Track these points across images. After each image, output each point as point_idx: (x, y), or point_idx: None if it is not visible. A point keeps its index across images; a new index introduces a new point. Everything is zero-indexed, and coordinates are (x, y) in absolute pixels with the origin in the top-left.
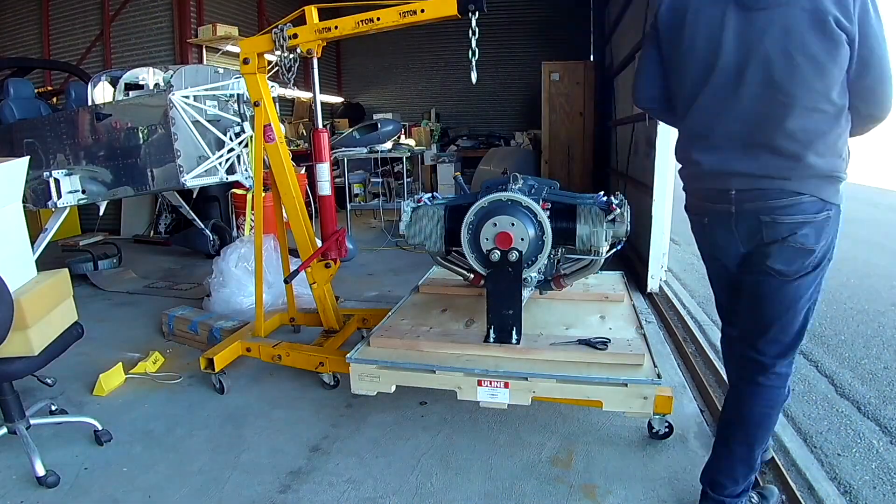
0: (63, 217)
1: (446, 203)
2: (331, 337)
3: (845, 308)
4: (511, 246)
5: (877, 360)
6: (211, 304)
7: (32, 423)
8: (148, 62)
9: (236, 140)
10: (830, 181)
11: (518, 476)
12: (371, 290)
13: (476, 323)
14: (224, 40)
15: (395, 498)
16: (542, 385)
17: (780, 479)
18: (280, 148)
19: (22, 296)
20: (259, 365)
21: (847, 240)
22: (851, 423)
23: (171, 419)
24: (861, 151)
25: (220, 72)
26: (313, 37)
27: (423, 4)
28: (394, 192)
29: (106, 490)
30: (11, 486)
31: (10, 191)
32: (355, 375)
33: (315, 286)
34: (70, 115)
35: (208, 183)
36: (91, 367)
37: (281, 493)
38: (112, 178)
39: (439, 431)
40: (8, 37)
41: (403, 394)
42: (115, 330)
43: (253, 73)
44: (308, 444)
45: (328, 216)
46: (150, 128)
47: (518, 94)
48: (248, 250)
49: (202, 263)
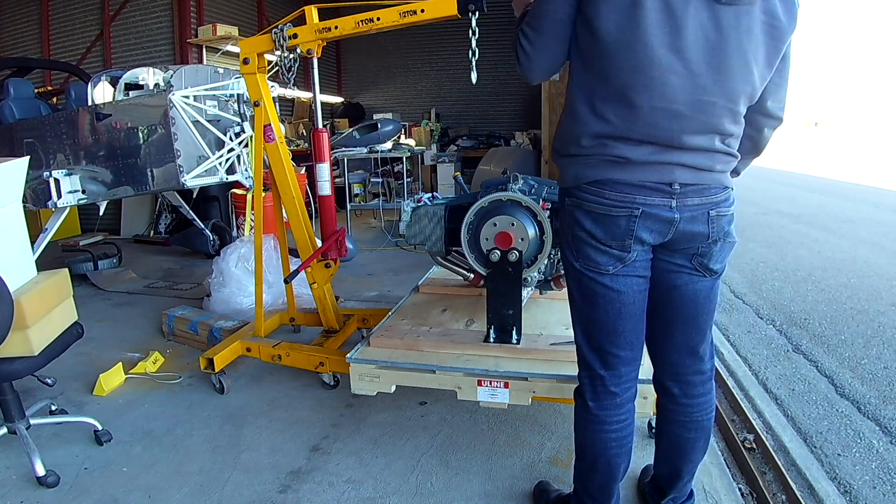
0: (63, 217)
1: (446, 203)
2: (331, 337)
3: (845, 308)
4: (511, 246)
5: (877, 360)
6: (211, 304)
7: (32, 423)
8: (148, 62)
9: (236, 140)
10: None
11: (518, 476)
12: (371, 290)
13: (476, 323)
14: (224, 40)
15: (395, 498)
16: (542, 385)
17: (780, 479)
18: (280, 148)
19: (22, 296)
20: (259, 365)
21: (847, 240)
22: (851, 423)
23: (171, 419)
24: (862, 152)
25: (220, 72)
26: (313, 37)
27: (423, 4)
28: (394, 192)
29: (106, 490)
30: (11, 486)
31: (10, 191)
32: (355, 375)
33: (315, 286)
34: (70, 115)
35: (208, 183)
36: (91, 367)
37: (281, 493)
38: (112, 178)
39: (439, 431)
40: (8, 37)
41: (403, 394)
42: (115, 330)
43: (253, 73)
44: (308, 444)
45: (328, 216)
46: (150, 128)
47: (518, 94)
48: (248, 250)
49: (202, 263)
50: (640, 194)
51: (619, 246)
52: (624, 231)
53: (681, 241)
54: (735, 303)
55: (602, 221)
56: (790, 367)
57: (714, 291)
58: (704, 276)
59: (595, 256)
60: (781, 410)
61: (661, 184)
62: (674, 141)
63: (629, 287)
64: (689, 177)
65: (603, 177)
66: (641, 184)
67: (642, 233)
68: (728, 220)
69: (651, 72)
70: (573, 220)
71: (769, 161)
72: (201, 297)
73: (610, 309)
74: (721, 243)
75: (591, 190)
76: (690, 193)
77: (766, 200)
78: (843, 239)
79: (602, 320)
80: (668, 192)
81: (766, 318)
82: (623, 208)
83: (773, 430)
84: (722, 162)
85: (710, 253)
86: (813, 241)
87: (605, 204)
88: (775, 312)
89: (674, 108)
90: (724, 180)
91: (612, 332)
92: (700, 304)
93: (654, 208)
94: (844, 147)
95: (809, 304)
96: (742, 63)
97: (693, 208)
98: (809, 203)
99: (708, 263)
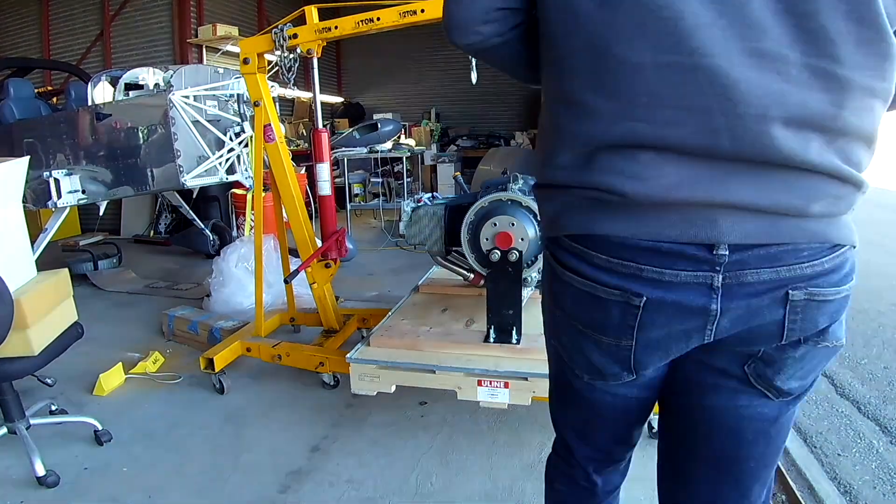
0: (63, 217)
1: (446, 203)
2: (331, 337)
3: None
4: (511, 246)
5: (877, 360)
6: (211, 304)
7: (32, 423)
8: (148, 62)
9: (236, 140)
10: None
11: (518, 476)
12: (371, 290)
13: (476, 323)
14: (224, 40)
15: (395, 498)
16: (542, 385)
17: (780, 479)
18: (280, 148)
19: (22, 296)
20: (259, 365)
21: None
22: (851, 423)
23: (171, 419)
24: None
25: (220, 72)
26: (313, 37)
27: (423, 4)
28: (394, 192)
29: (106, 490)
30: (11, 486)
31: (10, 191)
32: (355, 375)
33: (315, 286)
34: (70, 115)
35: (208, 183)
36: (91, 367)
37: (281, 493)
38: (112, 178)
39: (439, 431)
40: (8, 37)
41: (403, 394)
42: (115, 330)
43: (253, 73)
44: (308, 444)
45: (328, 216)
46: (150, 128)
47: (518, 94)
48: (248, 250)
49: (202, 263)
50: (650, 264)
51: (616, 345)
52: (619, 325)
53: (729, 340)
54: None
55: (588, 305)
56: None
57: (781, 424)
58: (765, 396)
59: (585, 352)
60: None
61: (690, 245)
62: (720, 145)
63: (625, 401)
64: (752, 230)
65: (588, 231)
66: (654, 246)
67: (643, 355)
68: (832, 308)
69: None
70: (548, 291)
71: None
72: (201, 297)
73: (590, 415)
74: (808, 348)
75: (572, 247)
76: (753, 263)
77: None
78: None
79: (580, 420)
80: (704, 261)
81: None
82: (617, 289)
83: None
84: (826, 196)
85: (781, 360)
86: None
87: (589, 276)
88: None
89: (708, 67)
90: (828, 232)
91: (584, 437)
92: (749, 441)
93: (675, 291)
94: None
95: None
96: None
97: (757, 290)
98: None
99: (774, 378)
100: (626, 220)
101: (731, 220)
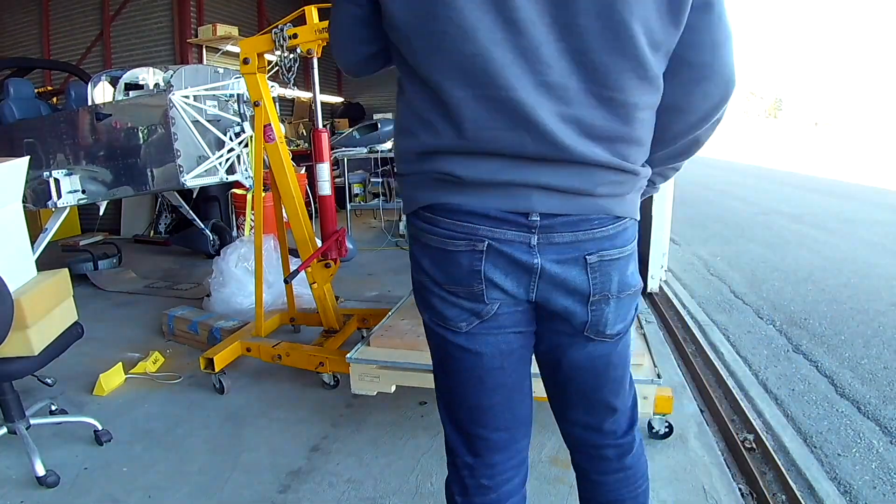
0: (63, 217)
1: None
2: (331, 337)
3: (845, 308)
4: None
5: (877, 360)
6: (211, 304)
7: (32, 423)
8: (148, 62)
9: (236, 140)
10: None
11: None
12: (371, 290)
13: None
14: (224, 40)
15: (395, 498)
16: (541, 385)
17: (780, 479)
18: (280, 148)
19: (22, 296)
20: (259, 365)
21: (847, 240)
22: (851, 423)
23: (171, 419)
24: (862, 152)
25: (220, 72)
26: (313, 37)
27: None
28: (394, 192)
29: (106, 490)
30: (11, 486)
31: (10, 191)
32: (355, 375)
33: (315, 286)
34: (70, 115)
35: (208, 183)
36: (91, 367)
37: (281, 493)
38: (112, 178)
39: (439, 431)
40: (8, 37)
41: (403, 394)
42: (115, 330)
43: (253, 73)
44: (308, 444)
45: (328, 216)
46: (150, 128)
47: None
48: (248, 250)
49: (202, 263)
50: (483, 224)
51: (467, 293)
52: (468, 271)
53: (553, 299)
54: (735, 303)
55: (440, 259)
56: (790, 367)
57: (619, 355)
58: (600, 340)
59: (442, 308)
60: (781, 410)
61: (511, 213)
62: (526, 149)
63: (493, 347)
64: (556, 204)
65: (435, 201)
66: (484, 212)
67: (494, 274)
68: (621, 265)
69: (465, 48)
70: (412, 258)
71: (769, 161)
72: (201, 297)
73: (468, 377)
74: (614, 301)
75: (425, 216)
76: (559, 228)
77: (766, 200)
78: (843, 239)
79: (461, 392)
80: (523, 224)
81: (766, 318)
82: (462, 240)
83: (773, 430)
84: (608, 182)
85: (603, 316)
86: (813, 241)
87: (441, 234)
88: (775, 312)
89: (511, 98)
90: (612, 207)
91: (476, 407)
92: (600, 373)
93: (506, 245)
94: (845, 147)
95: (809, 304)
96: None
97: (563, 249)
98: (810, 203)
99: (605, 329)
100: (463, 194)
101: (541, 197)
